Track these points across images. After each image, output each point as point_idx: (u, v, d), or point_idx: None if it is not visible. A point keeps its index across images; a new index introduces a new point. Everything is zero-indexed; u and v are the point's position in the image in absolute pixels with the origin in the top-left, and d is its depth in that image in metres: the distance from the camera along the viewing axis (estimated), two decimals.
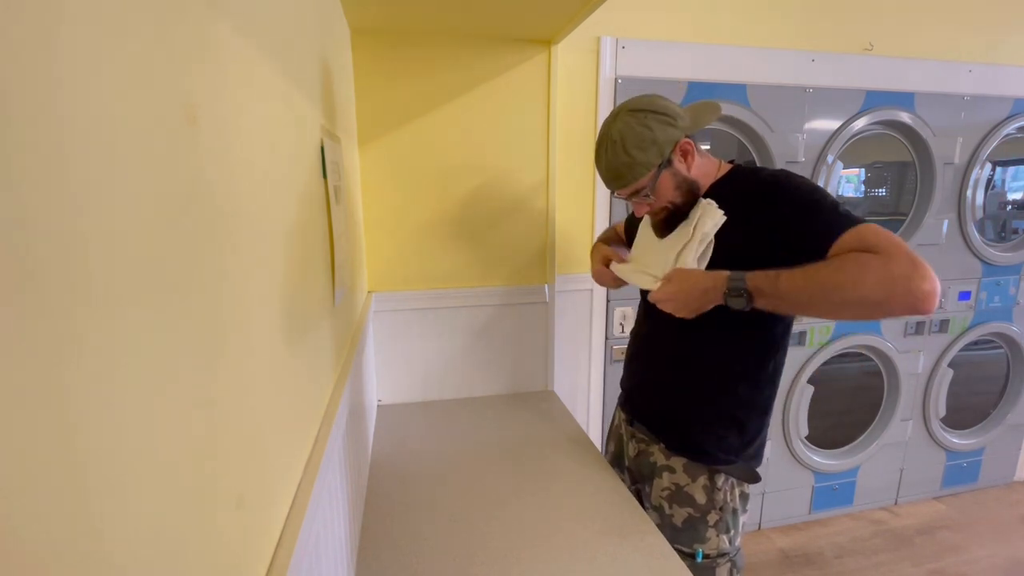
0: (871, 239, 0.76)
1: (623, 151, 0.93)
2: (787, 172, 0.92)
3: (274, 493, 0.48)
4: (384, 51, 1.34)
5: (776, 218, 0.87)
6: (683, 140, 0.94)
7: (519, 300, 1.54)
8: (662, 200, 0.98)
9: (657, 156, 0.93)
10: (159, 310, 0.28)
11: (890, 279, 0.72)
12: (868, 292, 0.73)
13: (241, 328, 0.41)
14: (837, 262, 0.77)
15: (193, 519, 0.32)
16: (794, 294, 0.79)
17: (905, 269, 0.72)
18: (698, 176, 0.98)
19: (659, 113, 0.93)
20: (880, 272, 0.72)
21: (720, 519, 1.00)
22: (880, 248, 0.74)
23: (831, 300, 0.77)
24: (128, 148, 0.26)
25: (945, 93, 1.96)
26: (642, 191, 0.96)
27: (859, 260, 0.74)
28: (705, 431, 1.00)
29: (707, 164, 1.00)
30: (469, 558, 0.89)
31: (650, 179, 0.94)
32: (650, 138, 0.92)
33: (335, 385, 0.83)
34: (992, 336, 2.30)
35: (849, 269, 0.75)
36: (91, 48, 0.23)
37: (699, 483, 1.01)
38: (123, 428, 0.25)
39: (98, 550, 0.22)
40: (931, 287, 0.71)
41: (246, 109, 0.44)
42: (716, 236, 0.94)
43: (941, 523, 2.23)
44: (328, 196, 0.81)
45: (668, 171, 0.95)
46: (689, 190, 0.97)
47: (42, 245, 0.20)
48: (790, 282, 0.79)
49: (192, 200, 0.33)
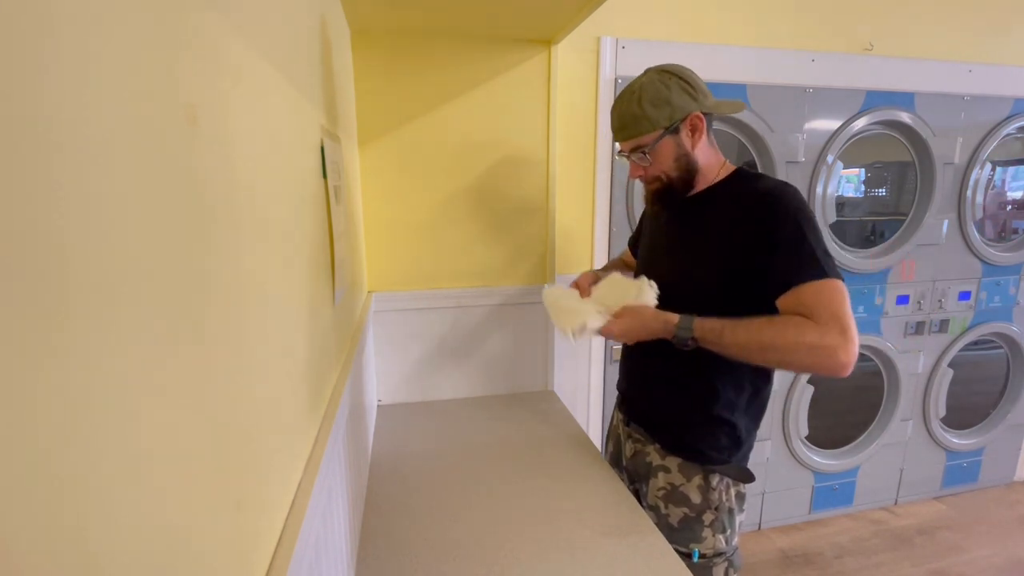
0: (814, 303, 0.84)
1: (636, 103, 0.94)
2: (786, 192, 0.91)
3: (274, 494, 0.48)
4: (384, 51, 1.34)
5: (753, 237, 0.90)
6: (695, 114, 0.94)
7: (519, 300, 1.54)
8: (657, 168, 0.98)
9: (667, 119, 0.93)
10: (158, 310, 0.28)
11: (819, 350, 0.82)
12: (799, 358, 0.85)
13: (241, 328, 0.41)
14: (779, 326, 0.85)
15: (193, 520, 0.31)
16: (734, 348, 0.89)
17: (834, 342, 0.81)
18: (700, 159, 0.98)
19: (684, 80, 0.94)
20: (813, 342, 0.82)
21: (716, 519, 1.00)
22: (819, 318, 0.83)
23: (766, 359, 0.88)
24: (128, 148, 0.26)
25: (945, 93, 1.96)
26: (642, 149, 0.97)
27: (798, 328, 0.84)
28: (698, 432, 1.01)
29: (712, 155, 1.00)
30: (469, 558, 0.89)
31: (652, 139, 0.95)
32: (665, 97, 0.93)
33: (335, 385, 0.83)
34: (992, 336, 2.30)
35: (788, 335, 0.84)
36: (91, 48, 0.23)
37: (694, 483, 1.01)
38: (122, 429, 0.25)
39: (97, 551, 0.22)
40: (851, 359, 0.82)
41: (246, 109, 0.44)
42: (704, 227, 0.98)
43: (941, 523, 2.23)
44: (328, 196, 0.81)
45: (672, 138, 0.95)
46: (687, 167, 0.97)
47: (42, 245, 0.20)
48: (733, 337, 0.88)
49: (191, 200, 0.33)
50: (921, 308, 2.15)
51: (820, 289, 0.84)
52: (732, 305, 0.93)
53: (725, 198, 0.97)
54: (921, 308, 2.15)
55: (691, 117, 0.94)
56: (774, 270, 0.88)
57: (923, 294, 2.14)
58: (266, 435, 0.46)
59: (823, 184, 1.91)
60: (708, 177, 1.00)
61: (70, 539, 0.21)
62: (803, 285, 0.85)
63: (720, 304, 0.94)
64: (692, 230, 1.01)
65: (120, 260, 0.25)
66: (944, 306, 2.18)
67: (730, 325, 0.88)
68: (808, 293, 0.84)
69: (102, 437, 0.23)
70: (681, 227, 1.04)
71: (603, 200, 1.71)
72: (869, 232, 2.10)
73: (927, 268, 2.12)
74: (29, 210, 0.19)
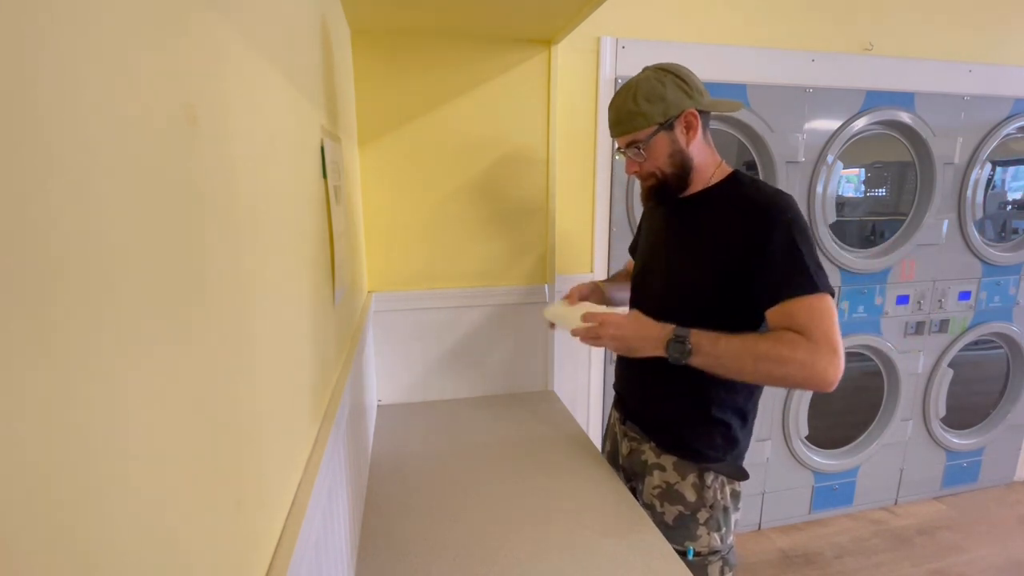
0: (806, 320, 0.85)
1: (632, 99, 0.95)
2: (781, 201, 0.91)
3: (274, 493, 0.48)
4: (384, 51, 1.34)
5: (746, 244, 0.90)
6: (690, 111, 0.95)
7: (519, 300, 1.54)
8: (652, 164, 0.99)
9: (661, 115, 0.94)
10: (157, 310, 0.28)
11: (810, 366, 0.83)
12: (791, 372, 0.85)
13: (240, 328, 0.41)
14: (772, 342, 0.86)
15: (193, 519, 0.31)
16: (727, 360, 0.89)
17: (825, 359, 0.83)
18: (695, 156, 0.98)
19: (680, 78, 0.95)
20: (804, 359, 0.84)
21: (711, 517, 1.01)
22: (811, 335, 0.84)
23: (758, 372, 0.88)
24: (127, 148, 0.26)
25: (945, 93, 1.96)
26: (637, 144, 0.98)
27: (792, 344, 0.84)
28: (692, 431, 1.02)
29: (708, 154, 1.00)
30: (469, 558, 0.89)
31: (647, 135, 0.96)
32: (660, 94, 0.94)
33: (335, 385, 0.83)
34: (992, 336, 2.30)
35: (781, 351, 0.85)
36: (91, 47, 0.23)
37: (688, 481, 1.02)
38: (123, 429, 0.25)
39: (96, 551, 0.22)
40: (838, 376, 0.84)
41: (246, 109, 0.44)
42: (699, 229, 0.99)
43: (941, 523, 2.23)
44: (328, 196, 0.81)
45: (667, 135, 0.96)
46: (681, 164, 0.98)
47: (39, 245, 0.20)
48: (727, 348, 0.88)
49: (190, 200, 0.33)
50: (921, 308, 2.15)
51: (812, 305, 0.85)
52: (726, 306, 0.94)
53: (721, 201, 0.97)
54: (921, 308, 2.15)
55: (685, 114, 0.95)
56: (765, 281, 0.89)
57: (923, 294, 2.14)
58: (266, 435, 0.46)
59: (823, 184, 1.91)
60: (704, 176, 1.00)
61: (69, 539, 0.21)
62: (794, 300, 0.86)
63: (715, 305, 0.95)
64: (687, 231, 1.02)
65: (119, 260, 0.25)
66: (944, 306, 2.18)
67: (724, 338, 0.89)
68: (800, 308, 0.85)
69: (102, 437, 0.23)
70: (677, 228, 1.05)
71: (603, 200, 1.71)
72: (869, 232, 2.10)
73: (927, 268, 2.12)
74: (27, 210, 0.19)
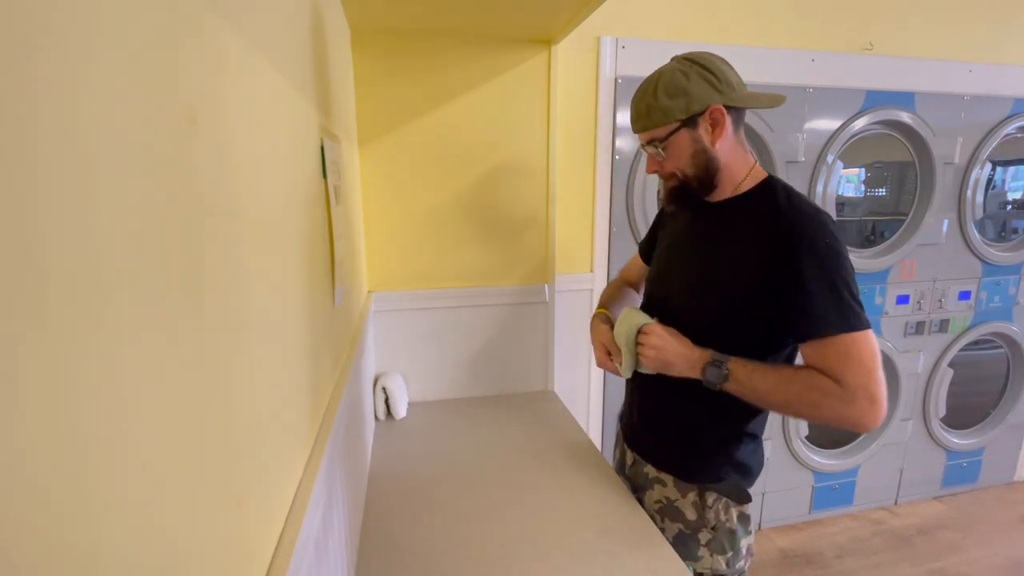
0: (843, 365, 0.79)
1: (652, 92, 0.87)
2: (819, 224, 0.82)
3: (274, 493, 0.48)
4: (384, 51, 1.34)
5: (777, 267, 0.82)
6: (717, 107, 0.85)
7: (519, 300, 1.54)
8: (672, 163, 0.90)
9: (683, 111, 0.85)
10: (158, 310, 0.28)
11: (841, 416, 0.80)
12: (821, 416, 0.82)
13: (241, 328, 0.41)
14: (805, 383, 0.82)
15: (193, 519, 0.31)
16: (761, 393, 0.85)
17: (859, 411, 0.78)
18: (722, 157, 0.89)
19: (707, 70, 0.86)
20: (836, 407, 0.79)
21: (713, 538, 0.94)
22: (844, 383, 0.78)
23: (789, 409, 0.85)
24: (126, 148, 0.26)
25: (945, 93, 1.96)
26: (656, 142, 0.90)
27: (822, 391, 0.80)
28: (693, 456, 0.97)
29: (740, 154, 0.91)
30: (468, 558, 0.89)
31: (666, 132, 0.88)
32: (683, 87, 0.85)
33: (335, 385, 0.83)
34: (992, 336, 2.30)
35: (814, 395, 0.81)
36: (90, 47, 0.23)
37: (689, 499, 0.96)
38: (123, 429, 0.25)
39: (96, 550, 0.22)
40: (877, 423, 0.79)
41: (246, 109, 0.44)
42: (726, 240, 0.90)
43: (941, 523, 2.23)
44: (328, 196, 0.81)
45: (689, 132, 0.87)
46: (705, 165, 0.88)
47: (40, 245, 0.20)
48: (762, 383, 0.84)
49: (190, 200, 0.33)
50: (921, 308, 2.15)
51: (849, 348, 0.78)
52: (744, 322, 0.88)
53: (752, 212, 0.88)
54: (921, 308, 2.15)
55: (711, 110, 0.85)
56: (797, 311, 0.81)
57: (923, 294, 2.14)
58: (266, 435, 0.46)
59: (823, 184, 1.91)
60: (734, 179, 0.91)
61: (70, 539, 0.21)
62: (831, 338, 0.79)
63: (732, 320, 0.88)
64: (712, 240, 0.93)
65: (119, 261, 0.25)
66: (944, 306, 2.18)
67: (760, 369, 0.85)
68: (835, 351, 0.79)
69: (100, 438, 0.23)
70: (701, 235, 0.96)
71: (603, 200, 1.71)
72: (869, 232, 2.10)
73: (927, 268, 2.12)
74: (26, 210, 0.19)
